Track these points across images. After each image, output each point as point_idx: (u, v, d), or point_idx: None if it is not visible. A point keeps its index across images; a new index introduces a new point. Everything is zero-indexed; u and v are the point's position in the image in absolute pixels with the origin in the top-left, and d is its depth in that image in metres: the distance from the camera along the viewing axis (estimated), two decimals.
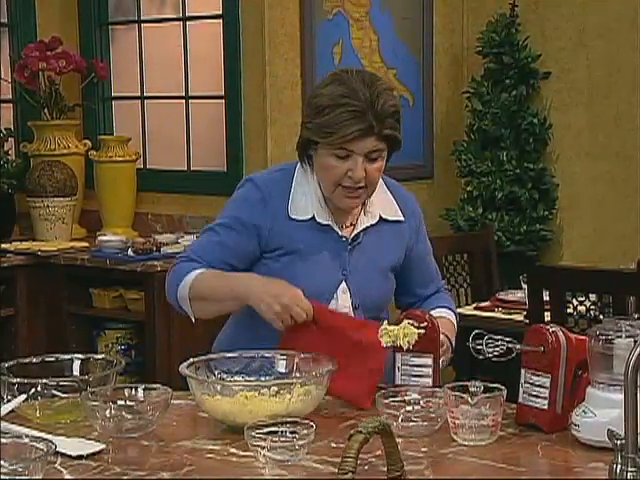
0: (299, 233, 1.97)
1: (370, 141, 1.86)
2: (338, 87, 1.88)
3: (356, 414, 1.77)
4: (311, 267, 1.97)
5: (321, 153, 1.92)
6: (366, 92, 1.86)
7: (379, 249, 2.01)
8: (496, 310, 3.11)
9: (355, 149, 1.87)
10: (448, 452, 1.56)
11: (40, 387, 1.73)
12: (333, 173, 1.90)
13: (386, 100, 1.87)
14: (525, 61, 4.00)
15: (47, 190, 3.76)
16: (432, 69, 4.21)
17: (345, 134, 1.85)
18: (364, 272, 1.99)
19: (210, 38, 3.85)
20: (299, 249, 1.96)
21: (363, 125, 1.85)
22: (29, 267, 3.57)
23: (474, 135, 4.07)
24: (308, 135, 1.92)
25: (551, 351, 1.62)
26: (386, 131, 1.87)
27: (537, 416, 1.63)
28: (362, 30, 3.95)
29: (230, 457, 1.56)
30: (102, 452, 1.58)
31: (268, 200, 1.97)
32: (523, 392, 1.65)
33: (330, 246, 1.98)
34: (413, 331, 1.70)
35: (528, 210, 3.98)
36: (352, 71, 1.92)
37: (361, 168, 1.88)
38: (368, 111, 1.85)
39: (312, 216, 1.97)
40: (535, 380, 1.64)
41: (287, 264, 1.97)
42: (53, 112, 3.94)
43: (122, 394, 1.73)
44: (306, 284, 1.90)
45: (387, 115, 1.87)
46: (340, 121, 1.85)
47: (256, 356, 1.83)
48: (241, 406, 1.65)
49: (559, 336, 1.64)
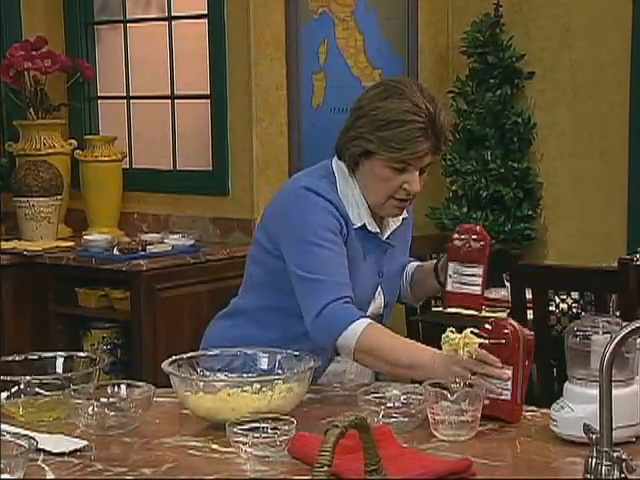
0: (355, 240, 1.97)
1: (429, 157, 1.91)
2: (403, 102, 1.87)
3: (337, 411, 1.78)
4: (361, 273, 1.98)
5: (377, 164, 1.90)
6: (429, 108, 1.87)
7: (401, 248, 2.08)
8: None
9: (416, 164, 1.89)
10: (428, 448, 1.57)
11: (23, 385, 1.74)
12: (388, 185, 1.91)
13: (445, 116, 1.91)
14: (509, 61, 4.02)
15: (33, 190, 3.76)
16: (417, 69, 4.23)
17: (416, 151, 1.86)
18: (393, 272, 2.06)
19: (195, 38, 3.86)
20: (355, 256, 1.97)
21: (430, 143, 1.88)
22: (15, 267, 3.57)
23: (459, 134, 4.09)
24: (369, 147, 1.89)
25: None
26: (443, 147, 1.94)
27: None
28: (347, 30, 3.96)
29: (212, 453, 1.57)
30: (84, 449, 1.59)
31: (337, 208, 1.94)
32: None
33: (375, 252, 2.01)
34: (474, 341, 1.70)
35: (512, 209, 4.00)
36: (409, 84, 1.92)
37: (417, 183, 1.92)
38: (429, 127, 1.86)
39: (363, 224, 1.97)
40: None
41: (350, 272, 1.94)
42: (39, 112, 3.94)
43: (105, 392, 1.74)
44: (357, 291, 1.92)
45: (445, 131, 1.91)
46: (410, 138, 1.85)
47: (239, 353, 1.84)
48: (223, 403, 1.66)
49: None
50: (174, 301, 3.44)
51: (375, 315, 2.03)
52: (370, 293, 2.01)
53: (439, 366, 1.75)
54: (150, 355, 3.37)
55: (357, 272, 1.96)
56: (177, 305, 3.44)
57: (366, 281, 1.99)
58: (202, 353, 1.84)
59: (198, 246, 3.58)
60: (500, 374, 1.69)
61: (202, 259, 3.53)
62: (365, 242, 1.98)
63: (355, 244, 1.96)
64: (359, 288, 1.95)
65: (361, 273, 1.98)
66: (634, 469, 1.27)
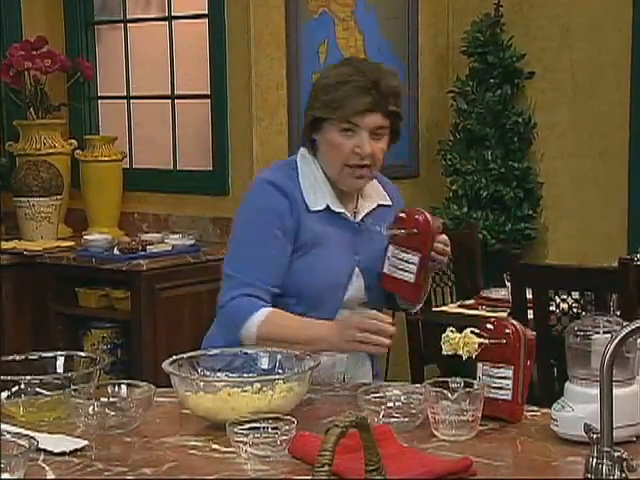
0: (317, 224, 1.99)
1: (376, 117, 1.93)
2: (345, 67, 1.99)
3: (338, 411, 1.78)
4: (329, 256, 2.00)
5: (327, 131, 1.96)
6: (372, 72, 1.96)
7: (379, 232, 2.06)
8: (480, 308, 3.13)
9: (361, 124, 1.93)
10: (429, 447, 1.57)
11: (23, 385, 1.74)
12: (340, 150, 1.95)
13: (390, 80, 1.96)
14: (510, 61, 4.03)
15: (33, 189, 3.76)
16: (417, 69, 4.23)
17: (354, 106, 1.92)
18: (371, 255, 2.03)
19: (196, 38, 3.86)
20: (319, 240, 1.99)
21: (369, 99, 1.92)
22: (15, 266, 3.57)
23: (459, 134, 4.09)
24: (316, 114, 1.97)
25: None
26: (391, 107, 1.95)
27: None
28: (347, 30, 3.97)
29: (212, 453, 1.57)
30: (85, 449, 1.59)
31: (290, 198, 1.98)
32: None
33: (344, 233, 2.02)
34: (474, 340, 1.69)
35: (513, 209, 4.01)
36: (359, 58, 2.00)
37: (368, 144, 1.93)
38: (374, 89, 1.93)
39: (327, 206, 2.00)
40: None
41: (309, 257, 1.99)
42: (39, 111, 3.94)
43: (105, 391, 1.74)
44: (327, 272, 1.97)
45: (392, 93, 1.96)
46: (348, 95, 1.92)
47: (239, 353, 1.84)
48: (224, 403, 1.66)
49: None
50: (174, 301, 3.44)
51: (358, 300, 2.03)
52: (344, 275, 2.01)
53: (335, 335, 1.85)
54: (150, 355, 3.37)
55: (324, 254, 1.98)
56: (177, 305, 3.44)
57: (337, 263, 2.00)
58: (202, 353, 1.84)
59: (198, 246, 3.58)
60: (387, 328, 1.79)
61: (202, 259, 3.52)
62: (331, 224, 2.00)
63: (316, 227, 1.98)
64: (330, 270, 1.97)
65: (330, 255, 1.99)
66: (635, 468, 1.27)
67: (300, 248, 1.99)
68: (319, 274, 1.97)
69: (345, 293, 2.01)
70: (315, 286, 1.98)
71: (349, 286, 2.01)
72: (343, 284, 2.00)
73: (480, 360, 1.70)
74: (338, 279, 2.00)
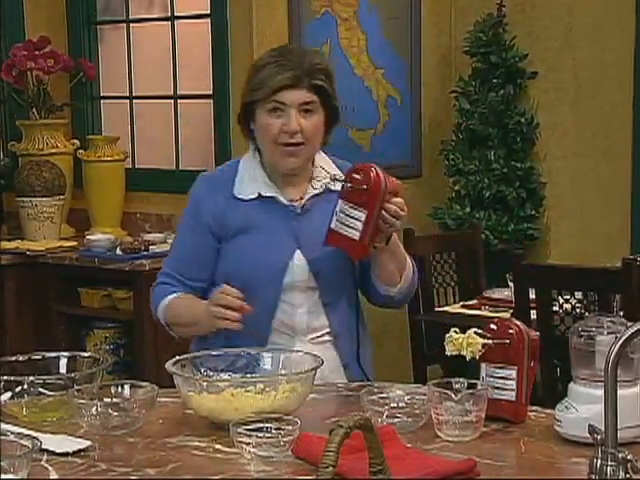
0: (247, 211, 2.02)
1: (300, 92, 1.95)
2: (270, 52, 2.04)
3: (341, 411, 1.78)
4: (263, 241, 2.01)
5: (258, 116, 2.00)
6: (295, 53, 2.01)
7: (328, 216, 2.01)
8: (483, 308, 3.12)
9: (286, 100, 1.95)
10: (432, 448, 1.57)
11: (27, 385, 1.73)
12: (270, 130, 1.97)
13: (314, 58, 2.01)
14: (512, 61, 4.02)
15: (35, 189, 3.76)
16: (420, 69, 4.22)
17: (273, 83, 1.95)
18: (316, 237, 2.00)
19: (198, 38, 3.86)
20: (247, 226, 2.02)
21: (289, 75, 1.95)
22: (17, 266, 3.57)
23: (462, 134, 4.09)
24: (244, 99, 2.02)
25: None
26: (315, 81, 1.97)
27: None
28: (350, 30, 3.96)
29: (216, 453, 1.57)
30: (88, 449, 1.58)
31: (213, 191, 2.05)
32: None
33: (279, 217, 2.02)
34: (478, 341, 1.68)
35: (515, 209, 4.00)
36: (287, 44, 2.04)
37: (294, 120, 1.95)
38: (297, 67, 1.96)
39: (258, 194, 2.03)
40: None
41: (240, 244, 2.02)
42: (41, 111, 3.94)
43: (108, 392, 1.74)
44: (260, 258, 1.98)
45: (316, 70, 1.98)
46: (268, 74, 1.96)
47: (242, 353, 1.84)
48: (227, 403, 1.66)
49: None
50: None
51: (303, 285, 2.01)
52: (283, 259, 2.00)
53: (204, 313, 1.92)
54: (152, 355, 3.37)
55: (254, 240, 2.00)
56: None
57: (275, 247, 2.00)
58: (206, 353, 1.84)
59: None
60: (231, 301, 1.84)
61: None
62: (265, 210, 2.02)
63: (246, 214, 2.01)
64: (261, 255, 1.99)
65: (260, 240, 2.00)
66: (639, 469, 1.27)
67: (228, 236, 2.03)
68: (247, 260, 2.00)
69: (283, 278, 2.00)
70: (244, 272, 2.00)
71: (287, 271, 2.00)
72: (279, 269, 2.00)
73: (483, 361, 1.70)
74: (271, 264, 1.99)
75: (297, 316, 2.02)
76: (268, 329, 2.01)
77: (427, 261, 3.49)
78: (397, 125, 4.17)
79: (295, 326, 2.02)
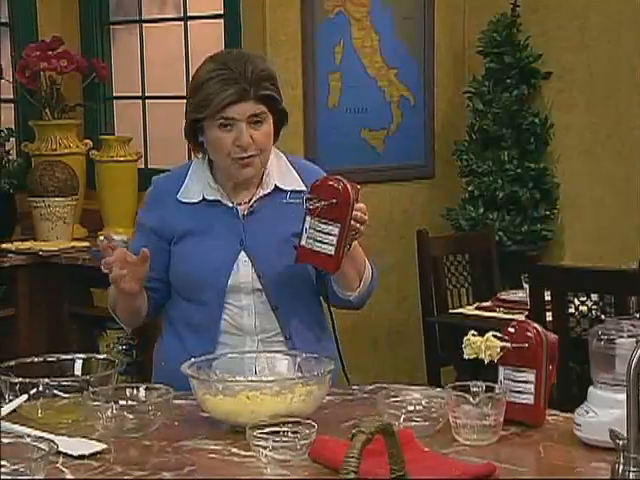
0: (190, 215, 2.02)
1: (248, 105, 1.92)
2: (209, 64, 1.98)
3: (357, 414, 1.76)
4: (206, 243, 2.01)
5: (208, 130, 1.96)
6: (236, 62, 1.94)
7: (277, 217, 2.02)
8: (497, 310, 3.10)
9: (235, 115, 1.92)
10: (450, 452, 1.55)
11: (42, 387, 1.73)
12: (222, 145, 1.95)
13: (256, 65, 1.95)
14: (526, 61, 4.00)
15: (48, 190, 3.76)
16: (433, 69, 4.21)
17: (220, 100, 1.90)
18: (263, 241, 2.00)
19: (211, 38, 3.85)
20: (192, 229, 2.02)
21: (234, 90, 1.91)
22: (30, 267, 3.57)
23: (475, 135, 4.07)
24: (190, 116, 1.98)
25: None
26: (262, 92, 1.93)
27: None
28: (363, 30, 3.95)
29: (232, 457, 1.56)
30: (104, 452, 1.58)
31: (160, 195, 2.08)
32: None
33: (223, 219, 2.01)
34: (496, 344, 1.66)
35: (529, 210, 3.98)
36: (225, 50, 2.02)
37: (246, 134, 1.92)
38: (240, 79, 1.91)
39: (203, 197, 2.02)
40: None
41: (184, 247, 2.02)
42: (54, 112, 3.94)
43: (124, 394, 1.73)
44: (203, 260, 1.98)
45: (260, 78, 1.94)
46: (213, 91, 1.91)
47: (258, 356, 1.83)
48: (242, 406, 1.65)
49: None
50: None
51: (248, 287, 1.99)
52: (228, 260, 1.99)
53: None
54: None
55: (198, 242, 2.00)
56: None
57: (219, 249, 2.00)
58: (221, 355, 1.83)
59: None
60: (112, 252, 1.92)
61: None
62: (210, 213, 2.01)
63: (190, 218, 2.00)
64: (204, 257, 1.99)
65: (204, 242, 2.00)
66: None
67: (175, 240, 2.03)
68: (192, 262, 2.00)
69: (228, 279, 1.99)
70: (188, 274, 2.01)
71: (232, 273, 1.99)
72: (223, 271, 1.99)
73: (501, 364, 1.69)
74: (215, 265, 1.99)
75: (244, 318, 2.01)
76: (217, 330, 2.00)
77: (440, 262, 3.47)
78: (410, 125, 4.15)
79: (243, 327, 2.01)
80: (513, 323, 1.72)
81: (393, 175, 4.11)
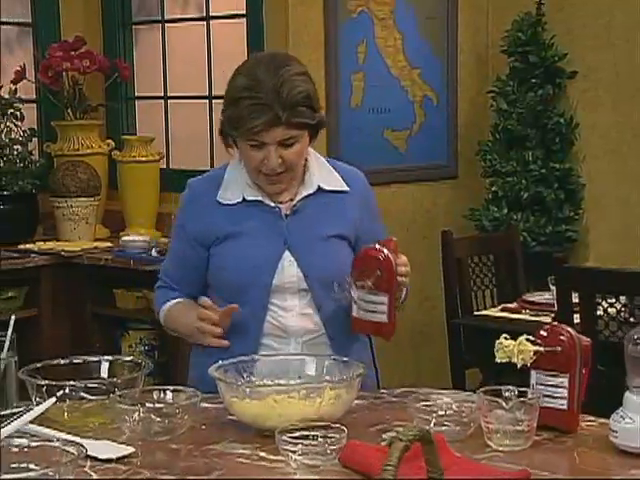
0: (231, 216, 1.98)
1: (279, 131, 1.86)
2: (243, 79, 1.89)
3: (386, 418, 1.74)
4: (249, 243, 1.97)
5: (239, 142, 1.93)
6: (271, 81, 1.85)
7: (319, 217, 1.99)
8: (523, 312, 3.07)
9: (265, 139, 1.87)
10: (482, 457, 1.53)
11: (68, 389, 1.71)
12: (251, 161, 1.92)
13: (293, 87, 1.85)
14: (551, 60, 3.96)
15: (70, 190, 3.75)
16: (456, 68, 4.18)
17: (250, 127, 1.85)
18: (306, 240, 1.97)
19: (233, 37, 3.84)
20: (235, 231, 1.98)
21: (267, 117, 1.84)
22: (52, 267, 3.57)
23: (499, 135, 4.04)
24: (223, 128, 1.95)
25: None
26: (295, 119, 1.86)
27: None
28: (386, 29, 3.92)
29: (260, 461, 1.54)
30: (131, 455, 1.56)
31: (197, 197, 2.02)
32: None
33: (265, 219, 1.98)
34: (529, 348, 1.63)
35: (554, 210, 3.94)
36: (261, 58, 1.93)
37: (274, 157, 1.88)
38: (274, 102, 1.84)
39: (243, 198, 1.98)
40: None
41: (226, 248, 1.99)
42: (76, 112, 3.94)
43: (150, 397, 1.71)
44: (247, 259, 1.95)
45: (295, 103, 1.85)
46: (244, 115, 1.85)
47: (285, 359, 1.81)
48: (270, 409, 1.63)
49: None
50: None
51: (293, 287, 1.97)
52: (272, 260, 1.96)
53: (193, 329, 1.96)
54: (187, 357, 3.34)
55: (240, 243, 1.97)
56: None
57: (262, 249, 1.96)
58: (249, 358, 1.81)
59: None
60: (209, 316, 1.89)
61: None
62: (251, 214, 1.98)
63: (231, 220, 1.97)
64: (255, 256, 1.96)
65: (247, 243, 1.97)
66: None
67: (215, 243, 2.00)
68: (235, 263, 1.97)
69: (272, 280, 1.96)
70: (233, 275, 1.97)
71: (276, 272, 1.96)
72: (268, 270, 1.96)
73: (534, 368, 1.66)
74: (258, 265, 1.96)
75: (288, 318, 1.98)
76: (260, 332, 1.97)
77: (465, 263, 3.44)
78: (433, 126, 4.12)
79: (287, 329, 1.98)
80: (545, 326, 1.69)
81: (416, 175, 4.08)
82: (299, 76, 1.89)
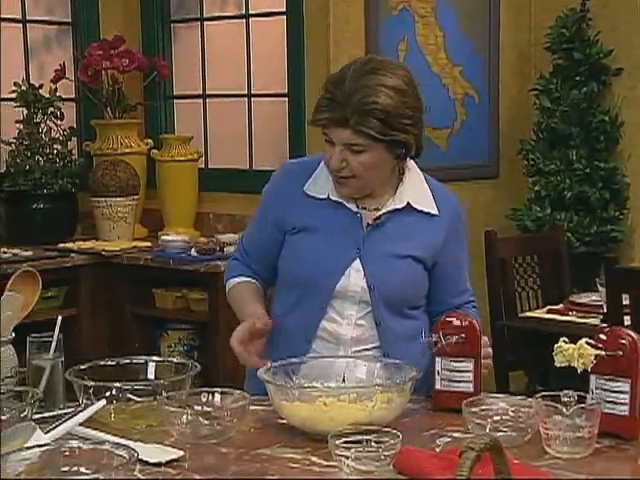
0: (314, 210, 1.95)
1: (345, 133, 1.81)
2: (336, 74, 1.87)
3: (439, 422, 1.70)
4: (323, 242, 1.93)
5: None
6: (352, 83, 1.81)
7: (402, 234, 1.94)
8: (570, 314, 3.00)
9: (332, 137, 1.84)
10: (542, 465, 1.48)
11: (115, 390, 1.69)
12: (325, 155, 1.89)
13: (369, 96, 1.79)
14: (596, 57, 3.89)
15: (110, 189, 3.75)
16: (498, 66, 4.12)
17: (317, 119, 1.84)
18: (381, 253, 1.92)
19: (273, 35, 3.81)
20: (313, 225, 1.94)
21: (335, 115, 1.81)
22: (92, 267, 3.56)
23: (542, 133, 3.97)
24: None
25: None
26: (362, 127, 1.80)
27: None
28: (427, 27, 3.87)
29: (312, 467, 1.50)
30: (180, 459, 1.53)
31: (287, 182, 1.99)
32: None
33: (344, 223, 1.93)
34: (589, 352, 1.58)
35: (598, 210, 3.87)
36: (363, 60, 1.89)
37: (337, 157, 1.84)
38: (347, 104, 1.80)
39: (328, 195, 1.94)
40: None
41: (300, 240, 1.95)
42: (115, 111, 3.93)
43: (198, 399, 1.69)
44: (316, 258, 1.91)
45: (366, 112, 1.79)
46: (319, 105, 1.84)
47: (336, 361, 1.77)
48: (321, 413, 1.60)
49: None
50: None
51: (355, 296, 1.91)
52: (341, 265, 1.91)
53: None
54: (227, 357, 3.31)
55: (315, 239, 1.93)
56: None
57: (334, 251, 1.92)
58: (298, 360, 1.78)
59: None
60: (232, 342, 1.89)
61: None
62: (333, 212, 1.94)
63: (312, 213, 1.94)
64: (325, 256, 1.91)
65: (321, 240, 1.93)
66: None
67: (292, 232, 1.96)
68: (304, 259, 1.93)
69: (336, 284, 1.91)
70: (299, 270, 1.94)
71: (343, 277, 1.91)
72: (334, 273, 1.91)
73: (593, 372, 1.60)
74: (326, 266, 1.91)
75: (343, 326, 1.92)
76: (313, 334, 1.93)
77: (509, 264, 3.38)
78: (474, 124, 4.07)
79: (340, 337, 1.92)
80: (605, 330, 1.64)
81: (456, 175, 4.02)
82: (386, 88, 1.80)
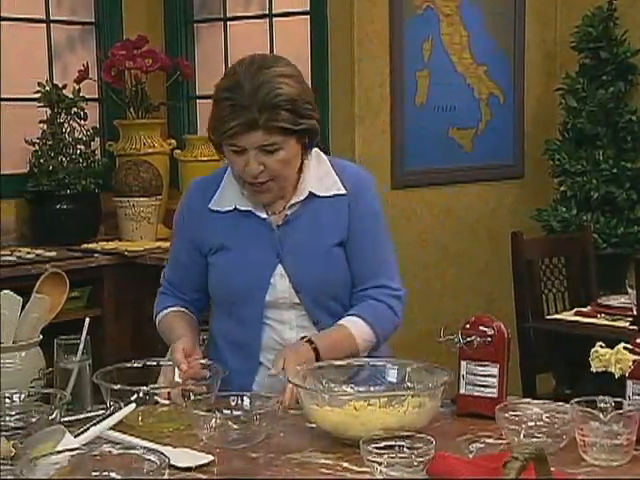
0: (224, 226, 1.89)
1: (257, 135, 1.75)
2: (224, 80, 1.80)
3: (471, 427, 1.67)
4: (241, 257, 1.88)
5: (223, 147, 1.82)
6: (249, 83, 1.74)
7: (314, 225, 1.89)
8: (599, 316, 2.96)
9: (243, 144, 1.76)
10: (579, 472, 1.45)
11: (142, 393, 1.68)
12: (235, 168, 1.82)
13: (272, 89, 1.74)
14: (623, 56, 3.85)
15: (133, 189, 3.74)
16: (523, 66, 4.08)
17: (225, 130, 1.75)
18: (299, 251, 1.88)
19: (297, 35, 3.79)
20: (226, 242, 1.89)
21: (243, 119, 1.73)
22: (116, 267, 3.55)
23: (568, 133, 3.93)
24: (208, 131, 1.85)
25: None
26: (274, 123, 1.74)
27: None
28: (452, 26, 3.84)
29: (345, 472, 1.48)
30: (209, 464, 1.51)
31: (194, 202, 1.93)
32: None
33: (257, 231, 1.88)
34: (627, 357, 1.55)
35: (625, 211, 3.83)
36: (246, 59, 1.80)
37: (254, 163, 1.77)
38: (252, 105, 1.73)
39: (234, 207, 1.89)
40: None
41: (220, 260, 1.91)
42: (139, 111, 3.92)
43: (227, 403, 1.67)
44: (240, 275, 1.87)
45: (274, 106, 1.74)
46: (221, 116, 1.76)
47: (366, 365, 1.75)
48: (352, 418, 1.57)
49: None
50: None
51: (286, 302, 1.88)
52: (265, 275, 1.87)
53: None
54: None
55: (239, 256, 1.88)
56: None
57: (255, 263, 1.87)
58: (328, 364, 1.75)
59: None
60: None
61: None
62: (243, 224, 1.88)
63: (223, 228, 1.88)
64: (247, 271, 1.87)
65: (245, 256, 1.87)
66: None
67: (209, 252, 1.92)
68: (228, 278, 1.88)
69: (266, 295, 1.87)
70: (227, 290, 1.90)
71: (270, 286, 1.87)
72: (261, 286, 1.87)
73: (630, 377, 1.57)
74: (251, 281, 1.87)
75: (286, 333, 1.90)
76: (258, 346, 1.91)
77: (535, 265, 3.34)
78: (499, 124, 4.03)
79: (286, 342, 1.89)
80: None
81: (481, 175, 4.00)
82: (284, 78, 1.76)
